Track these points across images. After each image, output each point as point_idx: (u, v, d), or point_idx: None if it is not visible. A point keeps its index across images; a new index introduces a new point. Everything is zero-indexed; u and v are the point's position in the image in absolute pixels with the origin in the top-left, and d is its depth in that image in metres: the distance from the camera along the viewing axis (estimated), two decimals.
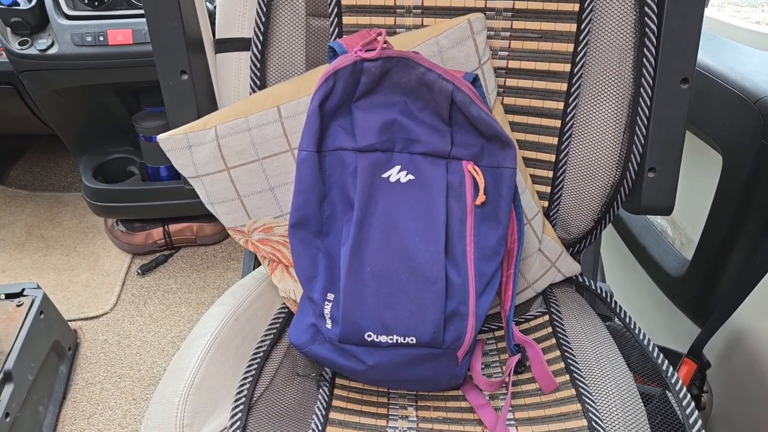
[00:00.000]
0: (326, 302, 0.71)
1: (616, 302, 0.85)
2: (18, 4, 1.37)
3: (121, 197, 1.66)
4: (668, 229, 1.19)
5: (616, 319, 0.84)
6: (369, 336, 0.68)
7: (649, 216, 1.25)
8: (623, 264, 1.32)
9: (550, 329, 0.82)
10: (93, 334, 1.55)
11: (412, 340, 0.68)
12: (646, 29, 0.74)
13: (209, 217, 1.79)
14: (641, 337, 0.78)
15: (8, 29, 1.40)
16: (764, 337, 0.90)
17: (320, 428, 0.69)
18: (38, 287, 1.36)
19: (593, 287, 0.89)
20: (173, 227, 1.78)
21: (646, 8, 0.73)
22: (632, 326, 0.80)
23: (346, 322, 0.68)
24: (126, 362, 1.47)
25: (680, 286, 1.06)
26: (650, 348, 0.76)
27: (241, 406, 0.70)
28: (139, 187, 1.66)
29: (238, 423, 0.68)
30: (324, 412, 0.72)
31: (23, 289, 1.35)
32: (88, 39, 1.37)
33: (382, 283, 0.68)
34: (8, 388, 1.15)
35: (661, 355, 0.74)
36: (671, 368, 0.73)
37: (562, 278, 0.89)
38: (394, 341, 0.68)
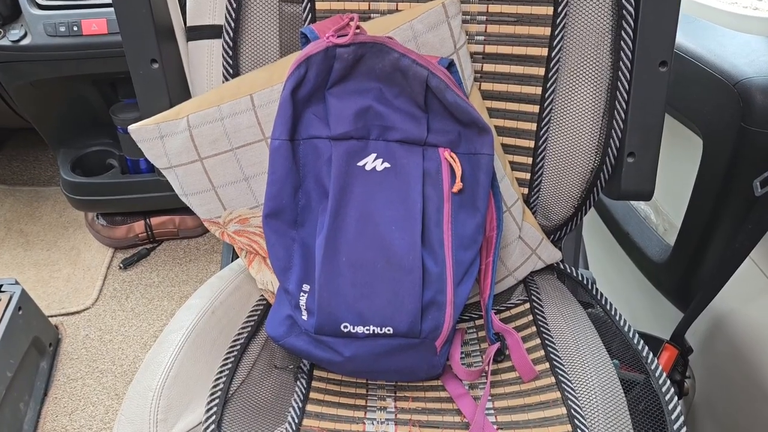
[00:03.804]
0: (302, 293, 0.69)
1: (597, 289, 0.84)
2: None
3: (100, 191, 1.64)
4: (651, 215, 1.18)
5: (598, 306, 0.84)
6: (345, 327, 0.67)
7: (632, 202, 1.25)
8: (607, 251, 1.31)
9: (530, 317, 0.81)
10: (74, 330, 1.53)
11: (389, 330, 0.67)
12: (624, 11, 0.73)
13: (191, 210, 1.77)
14: (621, 324, 0.77)
15: None
16: (745, 322, 0.89)
17: (297, 421, 0.68)
18: (16, 283, 1.34)
19: (575, 274, 0.88)
20: (155, 220, 1.76)
21: None
22: (613, 313, 0.80)
23: (321, 313, 0.67)
24: (108, 357, 1.45)
25: (663, 272, 1.06)
26: (630, 334, 0.76)
27: (217, 400, 0.69)
28: (119, 180, 1.64)
29: (214, 417, 0.67)
30: (301, 405, 0.71)
31: (1, 285, 1.32)
32: (62, 29, 1.35)
33: (357, 273, 0.67)
34: None
35: (641, 342, 0.74)
36: (651, 355, 0.72)
37: (543, 265, 0.88)
38: (371, 332, 0.67)
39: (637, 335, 0.75)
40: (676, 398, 0.67)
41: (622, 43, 0.74)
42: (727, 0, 0.97)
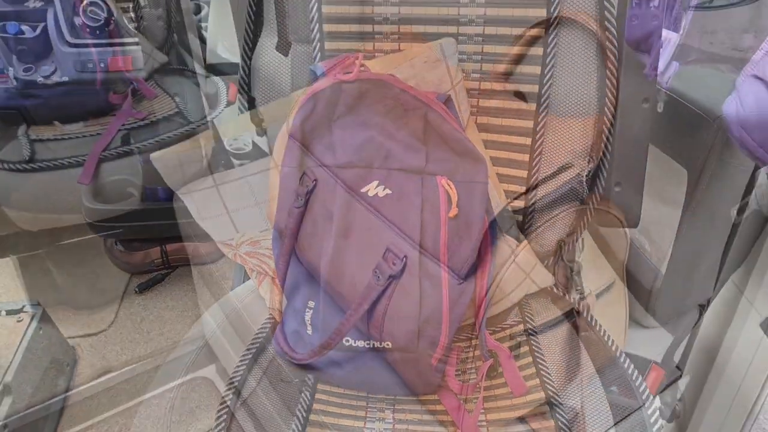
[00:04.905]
0: (307, 309, 0.74)
1: (590, 313, 0.88)
2: (23, 33, 1.43)
3: (119, 218, 1.70)
4: (646, 245, 1.22)
5: (590, 330, 0.88)
6: (347, 341, 0.72)
7: (626, 231, 1.29)
8: (602, 275, 1.35)
9: (524, 338, 0.85)
10: (91, 351, 1.58)
11: (388, 344, 0.72)
12: (608, 52, 0.78)
13: (205, 238, 1.82)
14: (610, 344, 0.81)
15: (14, 57, 1.45)
16: (730, 345, 0.93)
17: (300, 430, 0.73)
18: (38, 304, 1.39)
19: (568, 298, 0.92)
20: (170, 247, 1.82)
21: (607, 33, 0.78)
22: (602, 335, 0.83)
23: (325, 328, 0.72)
24: (122, 377, 1.50)
25: (655, 299, 1.10)
26: (617, 354, 0.79)
27: (226, 411, 0.73)
28: (138, 207, 1.70)
29: (223, 424, 0.71)
30: (305, 414, 0.75)
31: (23, 306, 1.38)
32: (90, 66, 1.43)
33: (359, 291, 0.72)
34: (7, 401, 1.18)
35: (628, 360, 0.78)
36: (636, 372, 0.76)
37: (537, 289, 0.92)
38: (371, 346, 0.72)
39: (623, 355, 0.79)
40: (657, 414, 0.71)
41: (607, 81, 0.79)
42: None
